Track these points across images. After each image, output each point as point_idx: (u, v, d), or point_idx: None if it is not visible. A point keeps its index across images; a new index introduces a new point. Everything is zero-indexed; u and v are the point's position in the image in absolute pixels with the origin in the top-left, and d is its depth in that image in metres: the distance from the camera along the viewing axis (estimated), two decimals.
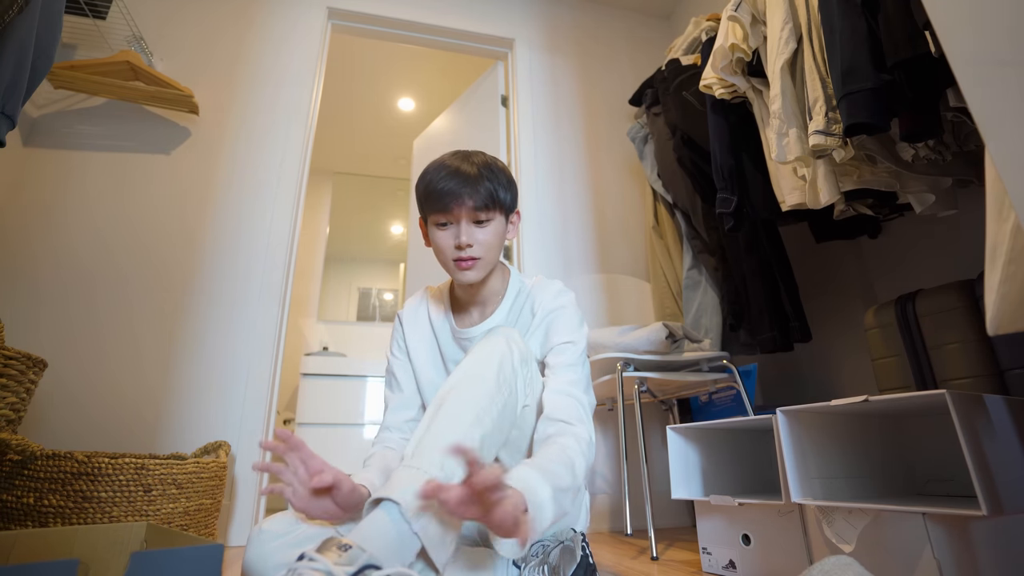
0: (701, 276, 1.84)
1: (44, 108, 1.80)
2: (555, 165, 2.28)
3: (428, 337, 1.03)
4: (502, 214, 0.94)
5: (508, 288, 1.01)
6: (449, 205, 0.88)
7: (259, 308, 1.77)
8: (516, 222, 1.00)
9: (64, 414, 1.53)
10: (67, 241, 1.69)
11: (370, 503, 0.64)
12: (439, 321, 1.04)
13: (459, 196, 0.88)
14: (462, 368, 0.79)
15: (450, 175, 0.89)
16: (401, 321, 1.06)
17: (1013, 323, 0.68)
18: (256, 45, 2.09)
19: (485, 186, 0.89)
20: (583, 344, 0.94)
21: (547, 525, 0.65)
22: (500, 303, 1.00)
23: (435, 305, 1.06)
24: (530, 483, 0.64)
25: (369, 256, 3.75)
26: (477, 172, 0.89)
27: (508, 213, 0.96)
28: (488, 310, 1.00)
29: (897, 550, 0.80)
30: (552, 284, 1.00)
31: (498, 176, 0.91)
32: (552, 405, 0.83)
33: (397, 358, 1.04)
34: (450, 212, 0.89)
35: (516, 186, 0.98)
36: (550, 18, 2.54)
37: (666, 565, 1.21)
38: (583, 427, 0.81)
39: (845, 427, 1.03)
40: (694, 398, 1.92)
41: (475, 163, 0.91)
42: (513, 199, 0.96)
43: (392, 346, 1.06)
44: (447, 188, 0.88)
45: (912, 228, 1.53)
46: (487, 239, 0.91)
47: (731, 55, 1.39)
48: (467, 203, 0.88)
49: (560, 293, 0.98)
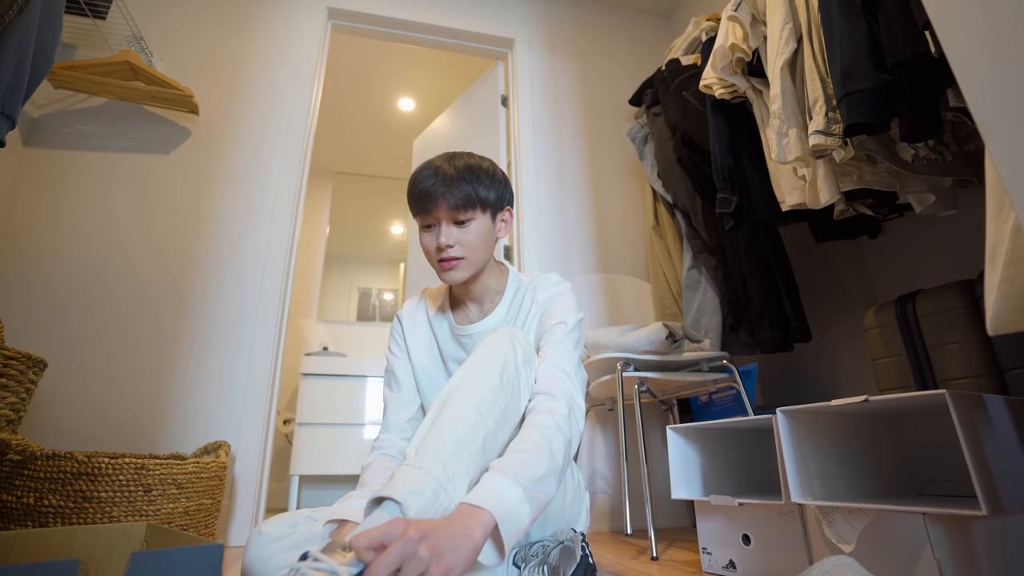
0: (701, 276, 1.84)
1: (44, 108, 1.80)
2: (555, 165, 2.28)
3: (427, 336, 1.04)
4: (486, 213, 0.94)
5: (507, 286, 1.02)
6: (427, 207, 0.91)
7: (259, 308, 1.77)
8: (508, 220, 1.01)
9: (64, 414, 1.53)
10: (67, 241, 1.69)
11: (371, 502, 0.64)
12: (438, 320, 1.05)
13: (436, 197, 0.90)
14: (465, 368, 0.79)
15: (429, 176, 0.91)
16: (400, 320, 1.07)
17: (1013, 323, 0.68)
18: (256, 45, 2.09)
19: (463, 187, 0.90)
20: (573, 323, 0.94)
21: (528, 522, 0.65)
22: (499, 301, 1.01)
23: (433, 304, 1.07)
24: (496, 493, 0.63)
25: (369, 256, 3.74)
26: (455, 173, 0.90)
27: (496, 212, 0.97)
28: (487, 308, 1.01)
29: (897, 550, 0.80)
30: (548, 276, 1.02)
31: (479, 176, 0.92)
32: (539, 378, 0.84)
33: (397, 356, 1.05)
34: (429, 213, 0.91)
35: (505, 184, 0.98)
36: (550, 18, 2.54)
37: (666, 565, 1.21)
38: (562, 399, 0.80)
39: (845, 427, 1.03)
40: (694, 398, 1.92)
41: (456, 164, 0.92)
42: (500, 197, 0.96)
43: (391, 345, 1.07)
44: (425, 189, 0.90)
45: (912, 228, 1.53)
46: (468, 239, 0.92)
47: (731, 55, 1.39)
48: (444, 204, 0.90)
49: (557, 283, 1.01)
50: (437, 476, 0.64)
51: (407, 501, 0.61)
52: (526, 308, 1.00)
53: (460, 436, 0.70)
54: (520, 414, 0.80)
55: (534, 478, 0.67)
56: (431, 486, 0.63)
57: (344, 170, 3.86)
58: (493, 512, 0.61)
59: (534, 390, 0.83)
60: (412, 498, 0.62)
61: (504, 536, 0.61)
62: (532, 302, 0.99)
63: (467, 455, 0.69)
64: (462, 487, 0.66)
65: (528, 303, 1.00)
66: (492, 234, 0.97)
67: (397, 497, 0.62)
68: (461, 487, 0.66)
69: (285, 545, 0.70)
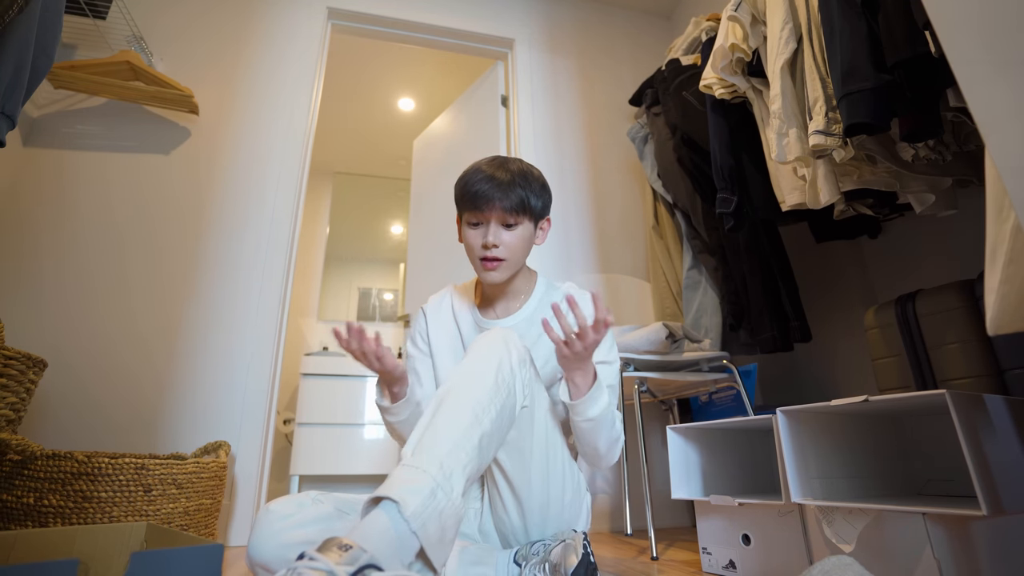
0: (701, 276, 1.84)
1: (44, 108, 1.80)
2: (555, 165, 2.28)
3: (451, 328, 1.08)
4: (531, 220, 0.99)
5: (535, 290, 1.07)
6: (481, 206, 0.95)
7: (259, 308, 1.77)
8: (546, 228, 1.06)
9: (64, 414, 1.53)
10: (67, 241, 1.69)
11: (369, 502, 0.64)
12: (463, 313, 1.08)
13: (491, 199, 0.94)
14: (460, 369, 0.80)
15: (485, 179, 0.95)
16: (425, 313, 1.11)
17: (1013, 323, 0.68)
18: (256, 45, 2.09)
19: (517, 192, 0.95)
20: (617, 365, 1.02)
21: (602, 405, 0.86)
22: (525, 302, 1.05)
23: (460, 298, 1.11)
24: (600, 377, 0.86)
25: (369, 256, 3.74)
26: (511, 178, 0.95)
27: (538, 219, 1.02)
28: (512, 308, 1.06)
29: (897, 550, 0.80)
30: (585, 294, 1.05)
31: (531, 184, 0.98)
32: None
33: (419, 350, 1.08)
34: (481, 212, 0.96)
35: (549, 194, 1.04)
36: (550, 18, 2.54)
37: (666, 565, 1.21)
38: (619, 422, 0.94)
39: (845, 427, 1.03)
40: (694, 398, 1.92)
41: (510, 170, 0.97)
42: (544, 207, 1.02)
43: (415, 338, 1.10)
44: (481, 190, 0.95)
45: (912, 228, 1.53)
46: (513, 242, 0.97)
47: (731, 55, 1.39)
48: (498, 206, 0.94)
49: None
50: (434, 475, 0.65)
51: (405, 500, 0.61)
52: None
53: (456, 436, 0.70)
54: (515, 414, 0.81)
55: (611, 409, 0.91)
56: (429, 485, 0.63)
57: (344, 170, 3.86)
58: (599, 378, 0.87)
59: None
60: (410, 497, 0.62)
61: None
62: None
63: (463, 455, 0.69)
64: (459, 486, 0.66)
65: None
66: (531, 240, 1.02)
67: (395, 496, 0.61)
68: (458, 486, 0.66)
69: (292, 523, 0.72)
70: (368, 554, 0.55)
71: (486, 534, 0.91)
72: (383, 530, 0.60)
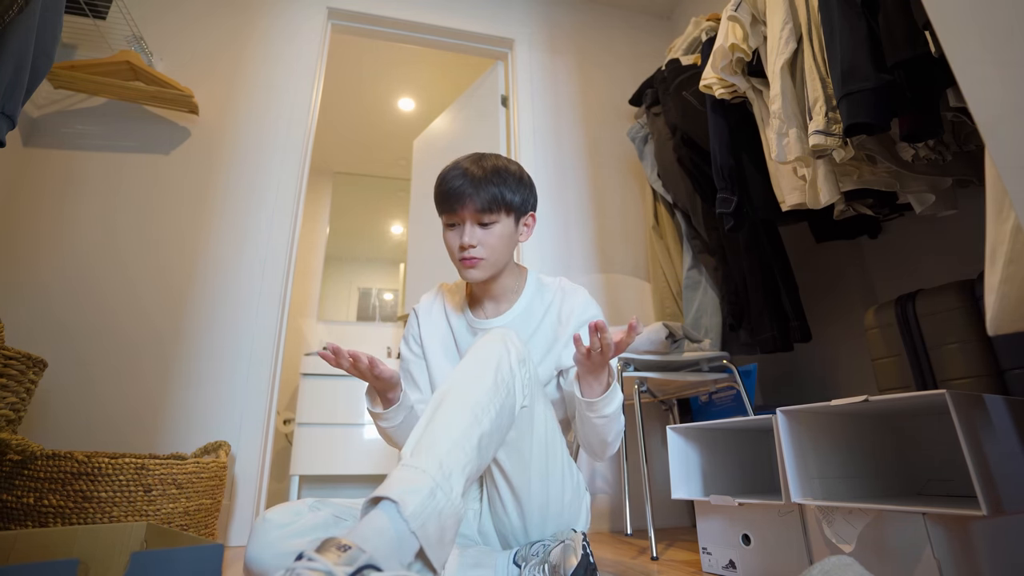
0: (701, 276, 1.84)
1: (44, 108, 1.80)
2: (555, 165, 2.28)
3: (443, 329, 1.07)
4: (510, 216, 0.97)
5: (525, 287, 1.05)
6: (454, 206, 0.93)
7: (259, 308, 1.77)
8: (531, 225, 1.03)
9: (64, 414, 1.53)
10: (67, 241, 1.69)
11: (368, 502, 0.64)
12: (455, 313, 1.07)
13: (463, 198, 0.92)
14: (460, 369, 0.80)
15: (457, 177, 0.93)
16: (417, 314, 1.10)
17: (1013, 323, 0.68)
18: (256, 45, 2.09)
19: (490, 189, 0.92)
20: (615, 365, 1.02)
21: (616, 403, 0.88)
22: (516, 300, 1.04)
23: (451, 298, 1.10)
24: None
25: (369, 256, 3.74)
26: (483, 175, 0.93)
27: (520, 215, 0.99)
28: (502, 307, 1.04)
29: (897, 550, 0.80)
30: (578, 291, 1.04)
31: (506, 179, 0.95)
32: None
33: (413, 352, 1.07)
34: (455, 213, 0.94)
35: (531, 188, 1.01)
36: (550, 18, 2.54)
37: (666, 565, 1.21)
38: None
39: (845, 427, 1.03)
40: (694, 398, 1.92)
41: (484, 166, 0.94)
42: (524, 201, 0.99)
43: (408, 340, 1.09)
44: (452, 189, 0.93)
45: (912, 228, 1.53)
46: (491, 241, 0.94)
47: (731, 55, 1.38)
48: (470, 205, 0.92)
49: (589, 304, 1.03)
50: (434, 475, 0.64)
51: (404, 500, 0.61)
52: (552, 314, 1.02)
53: (456, 436, 0.70)
54: (515, 414, 0.81)
55: (620, 411, 0.92)
56: (428, 485, 0.63)
57: (344, 170, 3.86)
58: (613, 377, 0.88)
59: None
60: (409, 497, 0.62)
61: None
62: (560, 316, 1.01)
63: (463, 455, 0.69)
64: (459, 486, 0.66)
65: (555, 312, 1.02)
66: (514, 237, 0.99)
67: (394, 496, 0.61)
68: (458, 486, 0.66)
69: (289, 532, 0.71)
70: (367, 554, 0.55)
71: (485, 534, 0.91)
72: (382, 530, 0.60)
